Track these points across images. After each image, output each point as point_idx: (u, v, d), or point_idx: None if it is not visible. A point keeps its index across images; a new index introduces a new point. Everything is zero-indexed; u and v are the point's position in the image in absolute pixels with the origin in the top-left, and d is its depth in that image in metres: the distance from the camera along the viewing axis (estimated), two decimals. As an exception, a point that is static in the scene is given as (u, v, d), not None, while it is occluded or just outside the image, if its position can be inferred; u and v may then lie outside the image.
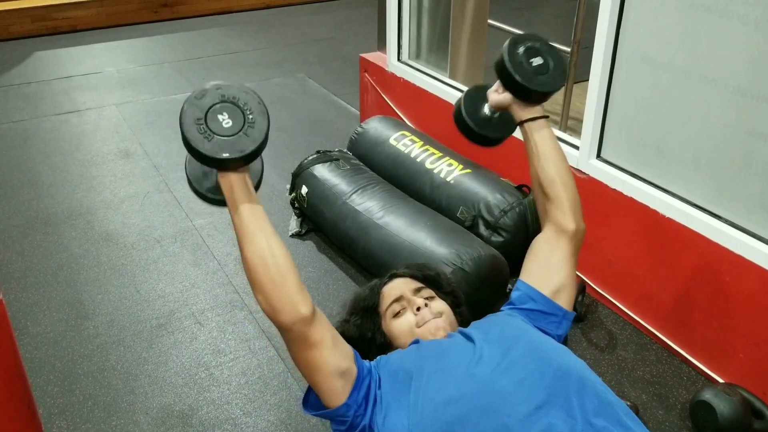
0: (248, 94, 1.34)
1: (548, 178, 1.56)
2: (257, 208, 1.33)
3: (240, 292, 2.50)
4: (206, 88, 1.32)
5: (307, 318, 1.30)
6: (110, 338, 2.29)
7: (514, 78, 1.58)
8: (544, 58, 1.62)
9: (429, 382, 1.33)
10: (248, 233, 1.31)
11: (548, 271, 1.55)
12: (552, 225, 1.57)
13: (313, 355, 1.33)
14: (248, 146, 1.30)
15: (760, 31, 1.77)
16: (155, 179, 3.30)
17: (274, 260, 1.30)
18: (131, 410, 2.01)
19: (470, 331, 1.48)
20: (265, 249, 1.30)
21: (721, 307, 2.02)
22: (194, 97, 1.30)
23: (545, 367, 1.32)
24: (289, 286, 1.30)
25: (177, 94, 4.34)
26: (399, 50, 3.28)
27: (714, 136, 1.97)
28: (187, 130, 1.27)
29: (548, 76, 1.61)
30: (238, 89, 1.34)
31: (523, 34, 1.65)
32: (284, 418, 1.98)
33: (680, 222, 2.06)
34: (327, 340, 1.34)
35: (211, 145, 1.28)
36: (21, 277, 2.59)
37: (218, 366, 2.17)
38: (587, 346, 2.24)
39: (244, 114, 1.32)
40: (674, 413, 1.99)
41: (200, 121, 1.28)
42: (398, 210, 2.48)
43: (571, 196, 1.56)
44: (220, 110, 1.30)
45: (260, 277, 1.30)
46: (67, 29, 5.48)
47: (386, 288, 1.67)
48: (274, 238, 1.32)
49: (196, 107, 1.29)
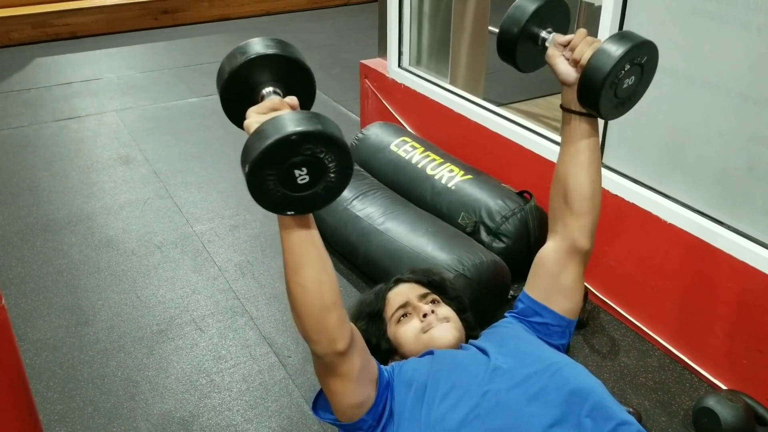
0: (338, 147, 1.09)
1: (581, 192, 1.40)
2: (312, 233, 1.19)
3: (241, 299, 2.50)
4: (300, 132, 1.04)
5: (340, 352, 1.24)
6: (110, 344, 2.28)
7: (597, 107, 1.32)
8: (639, 76, 1.34)
9: (444, 399, 1.32)
10: (295, 260, 1.19)
11: (559, 294, 1.48)
12: (566, 241, 1.44)
13: (336, 384, 1.30)
14: (317, 205, 1.13)
15: (762, 37, 1.77)
16: (155, 185, 3.30)
17: (319, 294, 1.19)
18: (132, 417, 2.00)
19: (484, 344, 1.46)
20: (312, 281, 1.19)
21: (723, 313, 2.01)
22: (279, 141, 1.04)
23: (561, 385, 1.31)
24: (329, 322, 1.21)
25: (177, 100, 4.34)
26: (399, 56, 3.29)
27: (716, 142, 1.97)
28: (253, 177, 1.06)
29: (630, 96, 1.36)
30: (328, 138, 1.08)
31: (638, 41, 1.29)
32: (285, 424, 1.98)
33: (682, 228, 2.06)
34: (355, 372, 1.28)
35: (276, 200, 1.10)
36: (21, 283, 2.59)
37: (219, 372, 2.16)
38: (589, 352, 2.24)
39: (325, 169, 1.10)
40: (677, 420, 1.98)
41: (273, 176, 1.07)
42: (399, 216, 2.48)
43: (597, 215, 1.43)
44: (300, 164, 1.08)
45: (300, 308, 1.21)
46: (67, 36, 5.48)
47: (391, 293, 1.66)
48: (324, 269, 1.20)
49: (273, 159, 1.05)
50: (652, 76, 1.37)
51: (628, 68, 1.29)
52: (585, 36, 1.34)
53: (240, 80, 1.20)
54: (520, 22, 1.40)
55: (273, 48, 1.20)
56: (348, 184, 1.15)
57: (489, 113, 2.80)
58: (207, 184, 3.31)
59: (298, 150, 1.05)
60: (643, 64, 1.32)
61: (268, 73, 1.21)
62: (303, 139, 1.04)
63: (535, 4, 1.40)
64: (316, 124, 1.06)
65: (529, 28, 1.41)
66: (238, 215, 3.03)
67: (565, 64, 1.37)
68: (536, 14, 1.40)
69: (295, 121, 1.06)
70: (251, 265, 2.69)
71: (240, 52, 1.20)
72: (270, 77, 1.21)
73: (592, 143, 1.40)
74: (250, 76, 1.20)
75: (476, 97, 2.96)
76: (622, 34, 1.31)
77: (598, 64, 1.27)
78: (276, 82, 1.21)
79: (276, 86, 1.21)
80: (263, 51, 1.19)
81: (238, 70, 1.19)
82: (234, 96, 1.22)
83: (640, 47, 1.28)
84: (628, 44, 1.26)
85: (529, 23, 1.40)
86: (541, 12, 1.41)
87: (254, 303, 2.48)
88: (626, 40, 1.28)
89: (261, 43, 1.21)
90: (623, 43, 1.27)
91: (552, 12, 1.43)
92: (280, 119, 1.07)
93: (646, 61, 1.32)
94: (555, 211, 1.47)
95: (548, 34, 1.42)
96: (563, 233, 1.45)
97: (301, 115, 1.08)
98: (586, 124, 1.38)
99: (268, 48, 1.20)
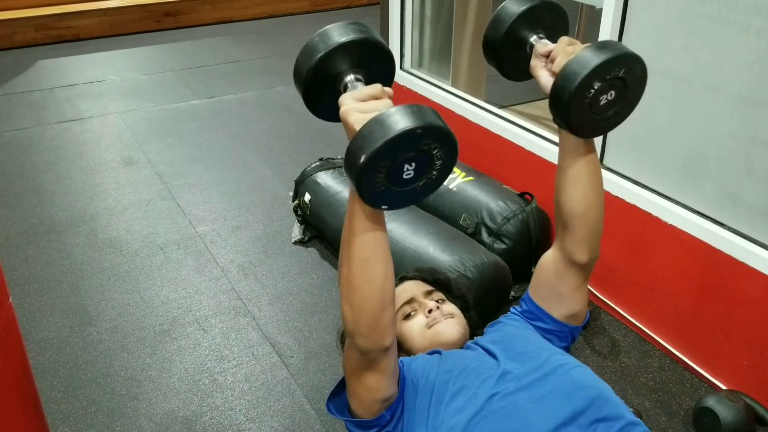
0: (451, 143, 1.07)
1: (571, 208, 1.34)
2: (384, 229, 1.17)
3: (243, 299, 2.51)
4: (422, 126, 1.01)
5: (386, 348, 1.24)
6: (114, 344, 2.29)
7: (570, 127, 1.25)
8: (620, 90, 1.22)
9: (452, 400, 1.32)
10: (367, 253, 1.16)
11: (557, 301, 1.48)
12: (563, 252, 1.41)
13: (372, 379, 1.29)
14: (410, 201, 1.11)
15: (761, 40, 1.78)
16: (158, 186, 3.31)
17: (383, 290, 1.18)
18: (135, 416, 2.02)
19: (491, 346, 1.46)
20: (380, 276, 1.17)
21: (723, 313, 2.02)
22: (405, 130, 1.01)
23: (568, 388, 1.31)
24: (385, 318, 1.20)
25: (180, 102, 4.36)
26: (401, 59, 3.30)
27: (716, 144, 1.98)
28: (368, 168, 1.03)
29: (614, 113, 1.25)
30: (447, 135, 1.05)
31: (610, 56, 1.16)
32: (288, 424, 1.99)
33: (683, 229, 2.07)
34: (390, 368, 1.28)
35: (377, 194, 1.08)
36: (25, 283, 2.60)
37: (222, 372, 2.18)
38: (590, 353, 2.25)
39: (431, 167, 1.08)
40: (677, 420, 1.99)
41: (385, 168, 1.04)
42: (401, 217, 2.49)
43: (594, 230, 1.37)
44: (412, 159, 1.05)
45: (363, 302, 1.19)
46: (71, 38, 5.51)
47: (397, 290, 1.66)
48: (391, 266, 1.19)
49: (393, 151, 1.02)
50: (640, 89, 1.25)
51: (600, 85, 1.18)
52: (566, 45, 1.24)
53: (323, 70, 1.16)
54: (504, 24, 1.30)
55: (355, 33, 1.15)
56: (445, 181, 1.12)
57: (490, 115, 2.82)
58: (209, 185, 3.33)
59: (417, 144, 1.03)
60: (623, 78, 1.19)
61: (350, 59, 1.16)
62: (426, 134, 1.02)
63: (523, 6, 1.29)
64: (436, 118, 1.04)
65: (515, 32, 1.30)
66: (241, 216, 3.05)
67: (547, 76, 1.28)
68: (525, 17, 1.30)
69: (414, 114, 1.03)
70: (254, 266, 2.70)
71: (321, 39, 1.15)
72: (351, 64, 1.17)
73: (585, 158, 1.30)
74: (333, 64, 1.16)
75: (478, 99, 2.98)
76: (601, 45, 1.19)
77: (563, 83, 1.18)
78: (358, 69, 1.17)
79: (359, 73, 1.17)
80: (346, 38, 1.14)
81: (319, 63, 1.15)
82: (316, 87, 1.18)
83: (613, 61, 1.16)
84: (599, 59, 1.15)
85: (516, 26, 1.29)
86: (532, 16, 1.30)
87: (256, 303, 2.49)
88: (600, 53, 1.16)
89: (341, 29, 1.16)
90: (594, 57, 1.16)
91: (545, 16, 1.32)
92: (399, 111, 1.03)
93: (626, 74, 1.19)
94: (556, 223, 1.44)
95: (538, 41, 1.30)
96: (560, 245, 1.42)
97: (417, 109, 1.04)
98: (574, 138, 1.29)
99: (351, 34, 1.15)
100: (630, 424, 1.27)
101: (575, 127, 1.24)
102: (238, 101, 4.37)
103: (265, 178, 3.38)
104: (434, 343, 1.52)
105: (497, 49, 1.33)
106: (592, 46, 1.19)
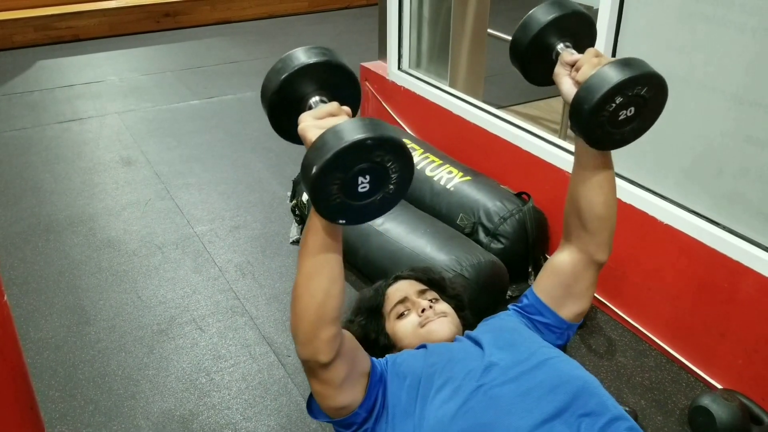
0: (405, 157, 1.08)
1: (595, 212, 1.37)
2: (338, 246, 1.20)
3: (240, 299, 2.51)
4: (373, 138, 1.02)
5: (322, 364, 1.24)
6: (111, 344, 2.30)
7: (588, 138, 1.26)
8: (639, 108, 1.24)
9: (438, 392, 1.32)
10: (313, 267, 1.19)
11: (569, 300, 1.48)
12: (583, 254, 1.43)
13: (317, 386, 1.30)
14: (368, 216, 1.12)
15: (757, 40, 1.79)
16: (157, 186, 3.32)
17: (323, 306, 1.20)
18: (132, 415, 2.02)
19: (479, 335, 1.47)
20: (322, 291, 1.19)
21: (719, 313, 2.03)
22: (351, 146, 1.02)
23: (555, 380, 1.31)
24: (322, 335, 1.21)
25: (179, 102, 4.36)
26: (399, 59, 3.31)
27: (712, 143, 1.98)
28: (321, 179, 1.04)
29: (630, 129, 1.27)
30: (399, 147, 1.07)
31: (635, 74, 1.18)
32: (284, 423, 1.99)
33: (678, 228, 2.08)
34: (337, 380, 1.28)
35: (333, 207, 1.08)
36: (23, 283, 2.61)
37: (219, 371, 2.18)
38: (586, 352, 2.25)
39: (387, 180, 1.08)
40: (673, 419, 2.00)
41: (339, 180, 1.05)
42: (398, 217, 2.50)
43: (612, 228, 1.42)
44: (366, 171, 1.06)
45: (302, 312, 1.21)
46: (70, 38, 5.51)
47: (391, 289, 1.68)
48: (336, 284, 1.21)
49: (344, 162, 1.03)
50: (659, 109, 1.28)
51: (622, 101, 1.20)
52: (593, 56, 1.25)
53: (287, 94, 1.19)
54: (531, 31, 1.32)
55: (316, 56, 1.19)
56: (401, 200, 1.12)
57: (488, 115, 2.82)
58: (208, 185, 3.33)
59: (369, 155, 1.04)
60: (644, 96, 1.22)
61: (313, 82, 1.20)
62: (377, 145, 1.03)
63: (553, 14, 1.31)
64: (389, 131, 1.05)
65: (542, 39, 1.32)
66: (239, 216, 3.05)
67: (570, 85, 1.29)
68: (554, 25, 1.32)
69: (366, 126, 1.04)
70: (251, 266, 2.70)
71: (283, 65, 1.19)
72: (316, 87, 1.20)
73: (604, 164, 1.34)
74: (297, 87, 1.19)
75: (476, 100, 2.98)
76: (626, 62, 1.20)
77: (585, 95, 1.19)
78: (323, 91, 1.20)
79: (323, 95, 1.20)
80: (307, 61, 1.18)
81: (284, 85, 1.18)
82: (281, 109, 1.21)
83: (637, 80, 1.18)
84: (623, 76, 1.17)
85: (544, 33, 1.32)
86: (560, 24, 1.32)
87: (254, 303, 2.49)
88: (625, 70, 1.18)
89: (305, 52, 1.20)
90: (618, 74, 1.18)
91: (573, 26, 1.34)
92: (351, 123, 1.05)
93: (647, 92, 1.22)
94: (570, 227, 1.44)
95: (564, 49, 1.32)
96: (579, 247, 1.43)
97: (369, 121, 1.06)
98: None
99: (313, 57, 1.19)
100: (614, 418, 1.28)
101: (591, 138, 1.26)
102: (237, 101, 4.38)
103: (263, 178, 3.38)
104: (426, 342, 1.52)
105: (523, 53, 1.36)
106: (619, 61, 1.21)
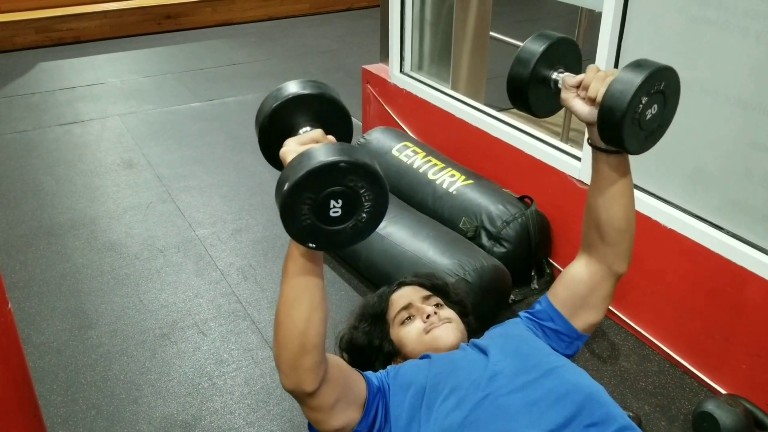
0: (379, 186, 1.07)
1: (615, 225, 1.37)
2: (319, 272, 1.18)
3: (243, 302, 2.51)
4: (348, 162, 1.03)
5: (307, 393, 1.22)
6: (113, 348, 2.29)
7: (623, 145, 1.24)
8: (662, 103, 1.24)
9: (444, 402, 1.32)
10: (293, 294, 1.18)
11: (585, 310, 1.47)
12: (602, 265, 1.42)
13: (308, 412, 1.29)
14: (340, 244, 1.10)
15: (761, 44, 1.79)
16: (158, 189, 3.31)
17: (305, 334, 1.17)
18: (134, 420, 2.02)
19: (485, 342, 1.45)
20: (303, 319, 1.17)
21: (723, 318, 2.02)
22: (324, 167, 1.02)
23: (561, 390, 1.30)
24: (304, 363, 1.19)
25: (180, 104, 4.36)
26: (401, 62, 3.30)
27: (716, 148, 1.98)
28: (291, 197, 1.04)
29: (657, 126, 1.27)
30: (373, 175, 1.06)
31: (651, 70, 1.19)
32: (287, 428, 1.99)
33: (683, 233, 2.07)
34: (326, 405, 1.26)
35: (303, 227, 1.07)
36: (24, 286, 2.60)
37: (221, 376, 2.18)
38: (590, 356, 2.25)
39: (359, 208, 1.07)
40: (677, 424, 1.99)
41: (310, 200, 1.04)
42: (401, 221, 2.49)
43: (631, 240, 1.41)
44: (338, 195, 1.05)
45: (283, 340, 1.20)
46: (71, 40, 5.51)
47: (395, 295, 1.67)
48: (318, 311, 1.18)
49: (316, 182, 1.03)
50: (676, 99, 1.28)
51: (647, 100, 1.20)
52: (596, 72, 1.27)
53: (278, 121, 1.20)
54: (529, 64, 1.32)
55: (310, 88, 1.21)
56: (374, 231, 1.11)
57: (490, 118, 2.82)
58: (209, 188, 3.33)
59: (342, 179, 1.04)
60: (663, 91, 1.22)
61: (305, 113, 1.21)
62: (350, 169, 1.03)
63: (543, 44, 1.33)
64: (365, 157, 1.05)
65: (539, 71, 1.34)
66: (241, 219, 3.05)
67: (582, 104, 1.29)
68: (545, 56, 1.33)
69: (342, 150, 1.04)
70: (253, 269, 2.70)
71: (278, 93, 1.21)
72: (308, 118, 1.21)
73: (624, 176, 1.35)
74: (288, 116, 1.20)
75: (477, 103, 2.98)
76: (637, 63, 1.21)
77: (613, 103, 1.19)
78: (314, 122, 1.21)
79: (314, 126, 1.21)
80: (300, 91, 1.20)
81: (276, 111, 1.19)
82: (272, 137, 1.21)
83: (654, 76, 1.19)
84: (641, 75, 1.18)
85: (539, 65, 1.33)
86: (549, 53, 1.34)
87: (256, 307, 2.49)
88: (639, 70, 1.19)
89: (298, 84, 1.22)
90: (636, 75, 1.18)
91: (561, 52, 1.36)
92: (328, 146, 1.06)
93: (665, 86, 1.22)
94: (589, 238, 1.44)
95: (560, 75, 1.34)
96: (598, 258, 1.42)
97: (347, 146, 1.07)
98: (615, 158, 1.32)
99: (306, 88, 1.20)
100: (622, 428, 1.27)
101: (627, 144, 1.24)
102: (239, 104, 4.38)
103: (264, 181, 3.38)
104: (432, 348, 1.52)
105: (525, 90, 1.36)
106: (631, 64, 1.21)
